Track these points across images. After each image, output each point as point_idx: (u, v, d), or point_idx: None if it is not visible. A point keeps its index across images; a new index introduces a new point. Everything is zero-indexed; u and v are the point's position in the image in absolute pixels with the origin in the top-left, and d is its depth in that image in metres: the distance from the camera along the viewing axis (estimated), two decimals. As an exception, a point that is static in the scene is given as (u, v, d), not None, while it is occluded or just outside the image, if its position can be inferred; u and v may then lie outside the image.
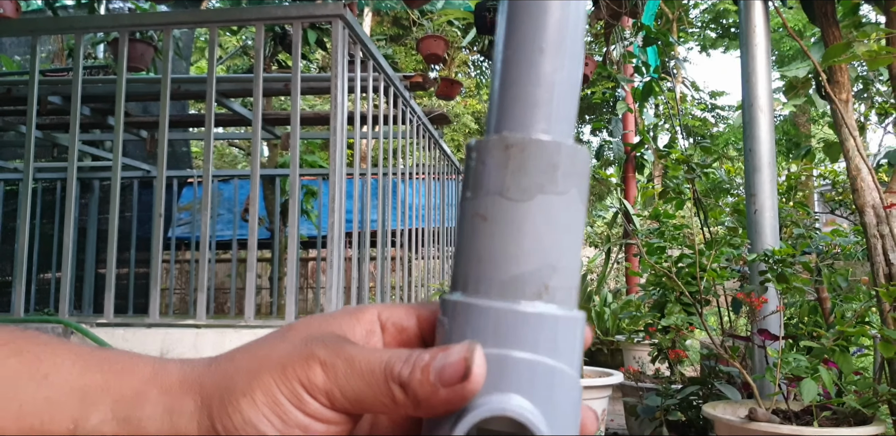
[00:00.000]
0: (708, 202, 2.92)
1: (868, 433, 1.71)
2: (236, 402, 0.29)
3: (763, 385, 2.04)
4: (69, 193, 2.59)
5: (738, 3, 2.47)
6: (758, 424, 1.73)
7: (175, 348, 2.41)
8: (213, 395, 0.30)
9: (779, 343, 1.89)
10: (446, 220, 5.04)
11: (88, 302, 4.45)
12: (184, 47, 5.26)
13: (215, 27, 2.64)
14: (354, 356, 0.29)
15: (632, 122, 5.80)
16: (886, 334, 1.80)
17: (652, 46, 4.32)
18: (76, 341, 2.45)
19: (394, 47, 9.67)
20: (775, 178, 2.34)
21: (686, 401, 2.32)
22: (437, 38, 5.20)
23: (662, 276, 2.39)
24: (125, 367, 0.32)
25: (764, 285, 2.09)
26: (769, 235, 2.25)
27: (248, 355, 0.33)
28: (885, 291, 1.87)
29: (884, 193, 2.09)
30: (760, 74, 2.35)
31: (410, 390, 0.28)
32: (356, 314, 0.34)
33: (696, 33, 13.83)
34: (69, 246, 2.57)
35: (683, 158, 2.59)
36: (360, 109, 3.03)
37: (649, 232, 2.61)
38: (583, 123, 16.03)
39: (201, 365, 0.33)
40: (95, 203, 4.52)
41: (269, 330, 2.41)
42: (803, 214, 2.71)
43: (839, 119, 2.16)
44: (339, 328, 0.33)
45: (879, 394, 1.79)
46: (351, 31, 2.62)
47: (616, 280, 7.25)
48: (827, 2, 2.29)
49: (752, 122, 2.32)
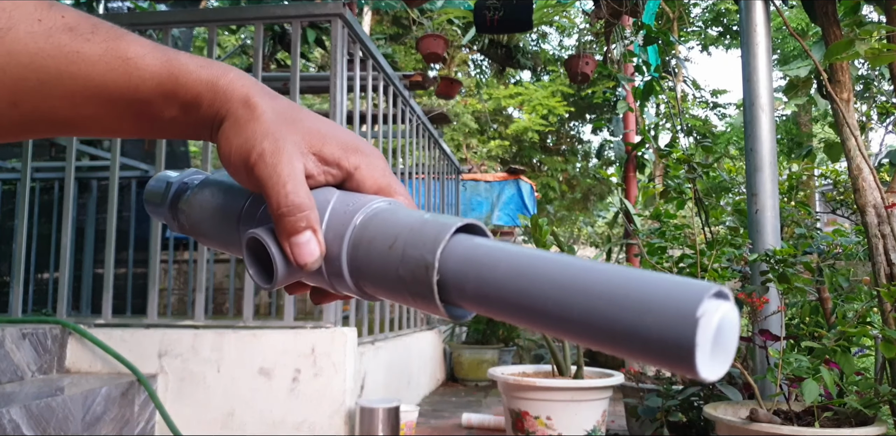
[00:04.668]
0: (709, 202, 2.91)
1: (869, 434, 1.70)
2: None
3: (764, 386, 2.03)
4: (67, 192, 2.58)
5: (739, 3, 2.46)
6: (759, 424, 1.72)
7: (173, 349, 2.40)
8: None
9: (780, 344, 1.89)
10: (446, 219, 5.02)
11: (86, 302, 4.44)
12: (183, 46, 5.25)
13: (214, 26, 2.63)
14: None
15: (633, 121, 5.79)
16: (888, 335, 1.79)
17: (652, 45, 4.31)
18: (74, 343, 2.44)
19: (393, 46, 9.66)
20: (777, 177, 2.33)
21: (687, 402, 2.31)
22: (436, 37, 5.19)
23: (663, 276, 2.38)
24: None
25: (765, 285, 2.08)
26: (770, 235, 2.24)
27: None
28: (887, 291, 1.86)
29: (885, 193, 2.08)
30: (761, 74, 2.34)
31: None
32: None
33: (698, 32, 13.82)
34: (67, 246, 2.56)
35: (684, 157, 2.58)
36: (360, 108, 3.02)
37: (650, 232, 2.60)
38: (583, 123, 16.02)
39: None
40: (93, 203, 4.51)
41: (267, 331, 2.40)
42: (805, 213, 2.70)
43: (840, 118, 2.15)
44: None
45: (881, 394, 1.78)
46: (350, 30, 2.61)
47: (616, 280, 7.22)
48: (828, 1, 2.28)
49: (754, 121, 2.31)
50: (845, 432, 1.71)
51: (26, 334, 2.23)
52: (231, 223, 0.44)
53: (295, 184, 0.39)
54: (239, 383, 2.37)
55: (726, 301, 0.26)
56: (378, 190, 0.43)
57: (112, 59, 0.39)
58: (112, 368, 2.38)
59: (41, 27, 0.38)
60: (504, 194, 6.92)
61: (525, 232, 6.16)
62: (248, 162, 0.40)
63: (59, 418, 1.92)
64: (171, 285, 5.42)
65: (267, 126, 0.40)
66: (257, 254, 0.42)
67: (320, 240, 0.39)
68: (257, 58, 2.55)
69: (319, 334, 2.37)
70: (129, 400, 2.25)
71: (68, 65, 0.38)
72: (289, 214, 0.39)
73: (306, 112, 0.43)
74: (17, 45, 0.37)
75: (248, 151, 0.39)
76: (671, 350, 0.25)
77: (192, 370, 2.39)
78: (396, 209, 0.40)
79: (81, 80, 0.38)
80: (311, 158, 0.42)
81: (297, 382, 2.35)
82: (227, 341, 2.39)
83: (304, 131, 0.41)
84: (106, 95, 0.39)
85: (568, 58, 5.56)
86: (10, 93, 0.38)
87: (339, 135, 0.43)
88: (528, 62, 8.25)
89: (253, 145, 0.39)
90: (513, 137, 13.96)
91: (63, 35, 0.38)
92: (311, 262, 0.39)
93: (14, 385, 2.11)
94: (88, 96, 0.39)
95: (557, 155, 15.10)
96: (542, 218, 2.68)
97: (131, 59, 0.39)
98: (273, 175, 0.39)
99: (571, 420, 2.44)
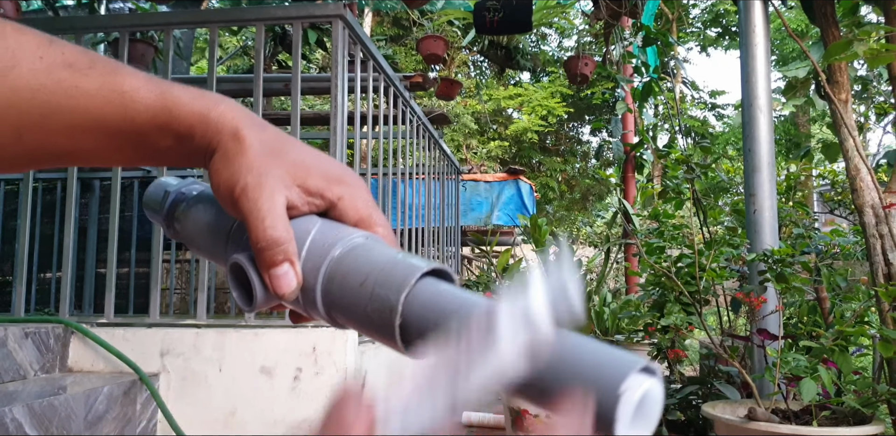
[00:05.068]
0: (707, 202, 2.92)
1: (867, 433, 1.71)
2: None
3: (762, 385, 2.04)
4: (69, 192, 2.59)
5: (738, 3, 2.47)
6: (757, 423, 1.73)
7: (175, 348, 2.41)
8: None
9: (778, 343, 1.90)
10: (446, 220, 5.04)
11: (89, 302, 4.45)
12: (184, 47, 5.27)
13: (215, 27, 2.64)
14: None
15: (631, 122, 5.80)
16: (885, 334, 1.80)
17: (651, 46, 4.32)
18: (77, 342, 2.45)
19: (394, 47, 9.67)
20: (774, 178, 2.34)
21: (685, 401, 2.32)
22: (436, 39, 5.20)
23: (662, 276, 2.39)
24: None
25: (763, 285, 2.09)
26: (768, 235, 2.25)
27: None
28: (884, 290, 1.87)
29: (883, 193, 2.09)
30: (760, 74, 2.35)
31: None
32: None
33: (696, 33, 13.82)
34: (69, 246, 2.58)
35: (683, 158, 2.59)
36: (361, 109, 3.03)
37: (649, 232, 2.62)
38: (582, 124, 16.03)
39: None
40: (96, 203, 4.52)
41: (269, 330, 2.41)
42: (802, 214, 2.72)
43: (838, 119, 2.17)
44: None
45: (879, 394, 1.79)
46: (351, 32, 2.62)
47: (615, 280, 7.25)
48: (826, 2, 2.29)
49: (752, 122, 2.33)
50: (843, 431, 1.73)
51: (29, 333, 2.24)
52: (220, 240, 0.46)
53: (273, 218, 0.41)
54: (240, 381, 2.38)
55: (651, 377, 0.28)
56: (359, 220, 0.45)
57: (108, 93, 0.41)
58: (114, 367, 2.39)
59: (42, 64, 0.40)
60: (504, 194, 6.93)
61: (524, 232, 6.18)
62: (232, 195, 0.42)
63: (61, 416, 1.93)
64: (174, 285, 5.43)
65: (252, 160, 0.41)
66: (240, 278, 0.44)
67: (297, 271, 0.41)
68: (258, 59, 2.56)
69: (320, 333, 2.39)
70: (131, 399, 2.27)
71: (68, 99, 0.40)
72: (267, 248, 0.41)
73: (293, 143, 0.44)
74: (20, 81, 0.39)
75: (233, 185, 0.41)
76: (598, 417, 0.27)
77: (193, 369, 2.40)
78: (372, 246, 0.41)
79: (80, 113, 0.41)
80: (296, 190, 0.43)
81: (299, 381, 2.37)
82: (229, 341, 2.40)
83: (289, 164, 0.43)
84: (104, 127, 0.41)
85: (567, 59, 5.57)
86: (15, 126, 0.40)
87: (324, 166, 0.45)
88: (528, 63, 8.26)
89: (237, 179, 0.41)
90: (512, 137, 13.97)
91: (63, 71, 0.40)
92: (288, 292, 0.41)
93: (17, 384, 2.12)
94: (87, 128, 0.41)
95: (557, 155, 15.11)
96: (542, 218, 2.69)
97: (127, 93, 0.41)
98: (254, 209, 0.41)
99: (571, 419, 2.45)
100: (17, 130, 0.40)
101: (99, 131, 0.41)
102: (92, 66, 0.41)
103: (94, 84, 0.41)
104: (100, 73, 0.41)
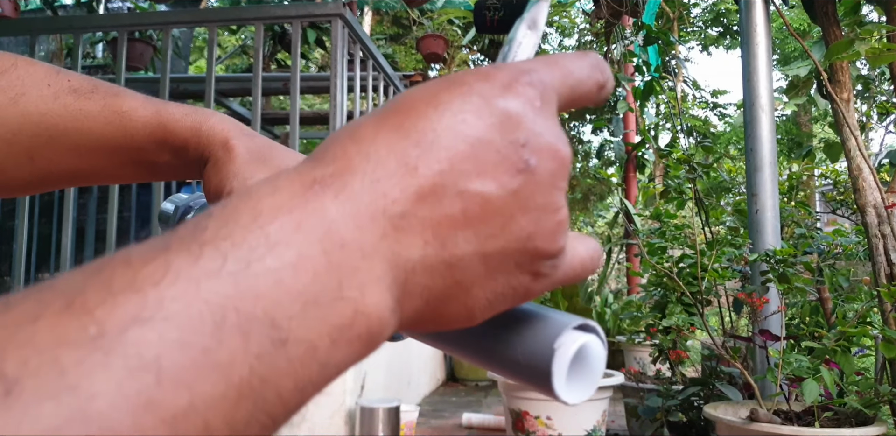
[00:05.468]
0: (709, 202, 2.91)
1: (870, 434, 1.70)
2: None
3: (764, 386, 2.03)
4: (67, 192, 2.58)
5: (739, 3, 2.46)
6: (759, 424, 1.72)
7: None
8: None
9: (780, 344, 1.89)
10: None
11: (88, 302, 4.45)
12: (183, 47, 5.26)
13: (214, 26, 2.63)
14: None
15: (633, 121, 5.79)
16: (888, 335, 1.79)
17: (653, 46, 4.31)
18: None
19: (393, 46, 9.67)
20: (777, 177, 2.33)
21: (687, 402, 2.31)
22: (436, 38, 5.19)
23: (663, 276, 2.38)
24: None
25: (765, 285, 2.08)
26: (770, 235, 2.24)
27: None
28: (887, 291, 1.86)
29: (885, 193, 2.08)
30: (762, 74, 2.34)
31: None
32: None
33: (698, 32, 13.82)
34: (67, 246, 2.57)
35: (685, 157, 2.58)
36: (360, 109, 3.02)
37: (650, 232, 2.61)
38: (583, 123, 16.02)
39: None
40: (94, 203, 4.51)
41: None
42: (805, 213, 2.71)
43: (840, 118, 2.15)
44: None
45: (881, 394, 1.78)
46: (350, 31, 2.61)
47: (617, 280, 7.25)
48: (828, 1, 2.28)
49: (754, 121, 2.31)
50: (845, 431, 1.72)
51: (27, 333, 2.23)
52: None
53: None
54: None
55: (588, 333, 0.29)
56: None
57: (109, 114, 0.45)
58: (112, 368, 2.38)
59: (50, 91, 0.44)
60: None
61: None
62: (220, 200, 0.44)
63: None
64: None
65: (238, 167, 0.45)
66: None
67: None
68: (257, 58, 2.55)
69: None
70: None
71: (73, 121, 0.44)
72: None
73: (280, 150, 0.47)
74: (30, 106, 0.44)
75: (221, 190, 0.45)
76: (537, 377, 0.29)
77: (192, 370, 2.39)
78: None
79: (85, 133, 0.45)
80: None
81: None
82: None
83: (273, 169, 0.45)
84: (107, 146, 0.45)
85: (568, 58, 5.55)
86: (27, 148, 0.44)
87: None
88: (529, 62, 8.22)
89: (225, 185, 0.44)
90: (513, 137, 13.94)
91: (68, 96, 0.44)
92: None
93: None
94: (92, 148, 0.45)
95: (558, 155, 15.07)
96: (543, 218, 2.68)
97: (125, 112, 0.45)
98: None
99: (571, 420, 2.44)
100: (28, 153, 0.44)
101: (103, 150, 0.45)
102: (94, 91, 0.45)
103: (97, 106, 0.44)
104: (101, 97, 0.45)
